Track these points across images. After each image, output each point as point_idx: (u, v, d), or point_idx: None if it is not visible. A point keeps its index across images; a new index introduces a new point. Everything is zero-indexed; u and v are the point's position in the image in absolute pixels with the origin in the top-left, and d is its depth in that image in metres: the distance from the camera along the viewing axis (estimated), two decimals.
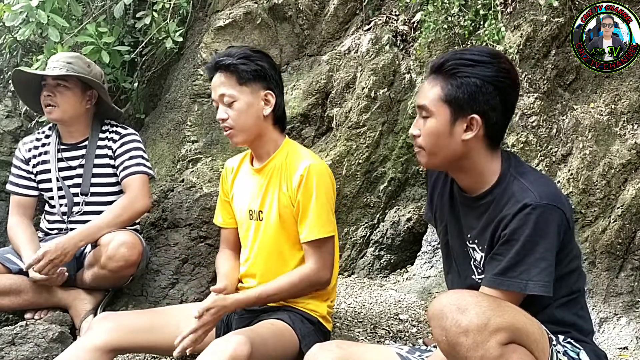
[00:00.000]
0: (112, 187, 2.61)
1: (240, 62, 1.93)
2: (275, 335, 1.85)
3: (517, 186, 1.52)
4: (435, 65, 1.60)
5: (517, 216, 1.47)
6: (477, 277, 1.63)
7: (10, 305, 2.40)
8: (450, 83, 1.54)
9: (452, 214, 1.71)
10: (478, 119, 1.53)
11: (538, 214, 1.45)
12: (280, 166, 2.00)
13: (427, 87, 1.60)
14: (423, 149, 1.60)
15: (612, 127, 2.99)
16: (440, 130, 1.56)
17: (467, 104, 1.53)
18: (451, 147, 1.56)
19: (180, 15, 4.12)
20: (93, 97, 2.61)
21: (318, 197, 1.93)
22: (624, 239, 2.81)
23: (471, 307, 1.30)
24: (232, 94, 1.94)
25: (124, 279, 2.44)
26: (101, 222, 2.42)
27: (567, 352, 1.50)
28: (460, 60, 1.55)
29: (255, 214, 2.04)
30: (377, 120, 3.49)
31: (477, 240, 1.61)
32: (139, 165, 2.56)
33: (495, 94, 1.54)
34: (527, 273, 1.45)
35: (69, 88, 2.53)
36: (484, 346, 1.28)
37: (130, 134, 2.63)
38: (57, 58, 2.59)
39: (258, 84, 1.96)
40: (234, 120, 1.95)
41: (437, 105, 1.55)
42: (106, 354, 1.81)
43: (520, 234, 1.46)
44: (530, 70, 3.15)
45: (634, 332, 2.64)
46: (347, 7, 3.85)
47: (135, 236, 2.42)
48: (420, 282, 3.17)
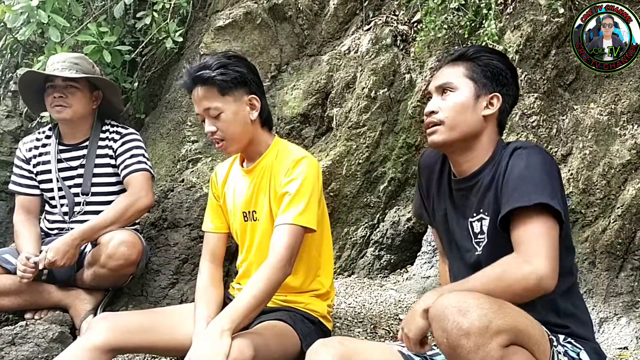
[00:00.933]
0: (113, 187, 2.62)
1: (218, 73, 1.88)
2: (277, 336, 1.85)
3: (508, 147, 1.62)
4: (454, 55, 1.69)
5: (510, 160, 1.55)
6: (480, 249, 1.63)
7: (10, 306, 2.41)
8: (477, 64, 1.66)
9: (452, 201, 1.73)
10: (499, 96, 1.64)
11: (528, 152, 1.55)
12: (271, 165, 1.99)
13: (448, 70, 1.68)
14: (441, 124, 1.63)
15: (612, 127, 2.99)
16: (465, 102, 1.63)
17: (490, 82, 1.64)
18: (472, 121, 1.63)
19: (180, 15, 4.13)
20: (98, 98, 2.65)
21: (302, 185, 1.89)
22: (624, 239, 2.81)
23: (472, 309, 1.30)
24: (217, 106, 1.90)
25: (123, 278, 2.44)
26: (104, 219, 2.43)
27: (567, 352, 1.50)
28: (482, 48, 1.70)
29: (250, 215, 2.03)
30: (377, 120, 3.49)
31: (482, 209, 1.62)
32: (140, 163, 2.57)
33: (512, 82, 1.68)
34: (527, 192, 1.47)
35: (78, 89, 2.56)
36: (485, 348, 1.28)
37: (131, 133, 2.65)
38: (62, 58, 2.60)
39: (240, 90, 1.93)
40: (223, 132, 1.92)
41: (462, 81, 1.64)
42: (106, 354, 1.80)
43: (516, 168, 1.53)
44: (530, 70, 3.15)
45: (634, 332, 2.64)
46: (347, 7, 3.85)
47: (135, 235, 2.42)
48: (420, 282, 3.17)
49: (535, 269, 1.39)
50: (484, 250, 1.61)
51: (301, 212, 1.87)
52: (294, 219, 1.86)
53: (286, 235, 1.85)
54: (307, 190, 1.89)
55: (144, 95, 4.35)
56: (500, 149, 1.64)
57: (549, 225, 1.45)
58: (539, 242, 1.42)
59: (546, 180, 1.48)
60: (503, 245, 1.51)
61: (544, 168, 1.50)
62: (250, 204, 2.03)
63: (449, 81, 1.64)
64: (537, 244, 1.42)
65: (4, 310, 2.46)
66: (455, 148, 1.67)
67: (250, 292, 1.78)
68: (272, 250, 1.85)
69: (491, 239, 1.59)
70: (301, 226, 1.87)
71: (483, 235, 1.62)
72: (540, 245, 1.41)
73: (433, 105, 1.65)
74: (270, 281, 1.81)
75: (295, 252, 1.88)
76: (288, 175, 1.92)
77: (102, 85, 2.64)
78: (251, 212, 2.03)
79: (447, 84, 1.64)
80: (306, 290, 2.06)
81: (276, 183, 1.96)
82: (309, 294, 2.06)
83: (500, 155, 1.61)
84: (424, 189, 1.85)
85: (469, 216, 1.66)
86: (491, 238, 1.59)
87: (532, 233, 1.44)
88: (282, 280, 1.85)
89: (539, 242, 1.42)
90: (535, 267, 1.39)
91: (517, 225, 1.47)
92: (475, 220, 1.64)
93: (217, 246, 2.11)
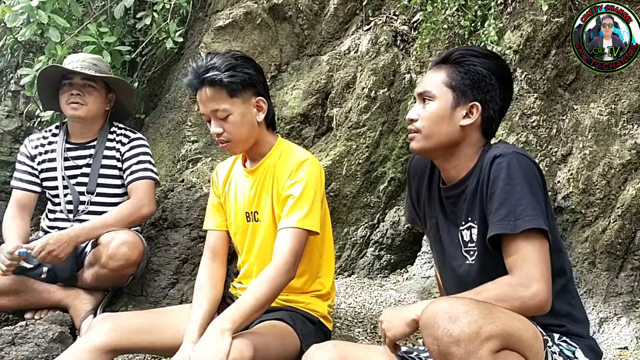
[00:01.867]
0: (118, 189, 2.63)
1: (226, 75, 1.86)
2: (277, 336, 1.85)
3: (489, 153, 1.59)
4: (440, 57, 1.66)
5: (491, 170, 1.54)
6: (471, 259, 1.63)
7: (10, 305, 2.41)
8: (457, 70, 1.61)
9: (442, 209, 1.72)
10: (478, 106, 1.60)
11: (508, 160, 1.52)
12: (274, 165, 1.98)
13: (430, 75, 1.65)
14: (419, 132, 1.63)
15: (612, 127, 2.99)
16: (440, 113, 1.60)
17: (470, 90, 1.59)
18: (448, 131, 1.60)
19: (180, 15, 4.13)
20: (112, 100, 2.68)
21: (305, 188, 1.89)
22: (624, 239, 2.81)
23: (462, 315, 1.29)
24: (225, 108, 1.88)
25: (124, 278, 2.44)
26: (104, 221, 2.44)
27: (562, 352, 1.50)
28: (467, 51, 1.63)
29: (252, 216, 2.03)
30: (377, 120, 3.49)
31: (470, 217, 1.62)
32: (146, 170, 2.59)
33: (497, 86, 1.61)
34: (513, 214, 1.47)
35: (95, 88, 2.59)
36: (476, 355, 1.28)
37: (138, 138, 2.68)
38: (81, 58, 2.64)
39: (248, 92, 1.92)
40: (230, 134, 1.91)
41: (440, 90, 1.61)
42: (106, 354, 1.80)
43: (497, 183, 1.52)
44: (530, 70, 3.15)
45: (634, 332, 2.64)
46: (347, 7, 3.86)
47: (137, 235, 2.43)
48: (420, 282, 3.17)
49: (533, 294, 1.42)
50: (475, 261, 1.61)
51: (305, 215, 1.87)
52: (297, 222, 1.86)
53: (290, 239, 1.85)
54: (310, 193, 1.89)
55: (144, 95, 4.35)
56: (483, 153, 1.62)
57: (538, 245, 1.46)
58: (533, 265, 1.44)
59: (528, 195, 1.48)
60: (494, 257, 1.53)
61: (524, 179, 1.50)
62: (252, 205, 2.02)
63: (428, 90, 1.62)
64: (532, 267, 1.44)
65: (4, 310, 2.46)
66: (436, 155, 1.67)
67: (253, 294, 1.79)
68: (277, 254, 1.85)
69: (481, 250, 1.59)
70: (305, 229, 1.87)
71: (473, 244, 1.62)
72: (535, 268, 1.44)
73: (413, 113, 1.65)
74: (274, 284, 1.81)
75: (299, 255, 1.88)
76: (291, 178, 1.91)
77: (118, 87, 2.67)
78: (253, 213, 2.02)
79: (426, 93, 1.62)
80: (307, 290, 2.06)
81: (279, 184, 1.96)
82: (309, 294, 2.06)
83: (482, 161, 1.60)
84: (414, 195, 1.85)
85: (459, 225, 1.65)
86: (481, 249, 1.59)
87: (524, 258, 1.45)
88: (285, 284, 1.85)
89: (533, 265, 1.44)
90: (533, 292, 1.42)
91: (507, 249, 1.49)
92: (465, 228, 1.63)
93: (218, 244, 2.10)
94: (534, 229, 1.46)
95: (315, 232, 1.91)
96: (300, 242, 1.87)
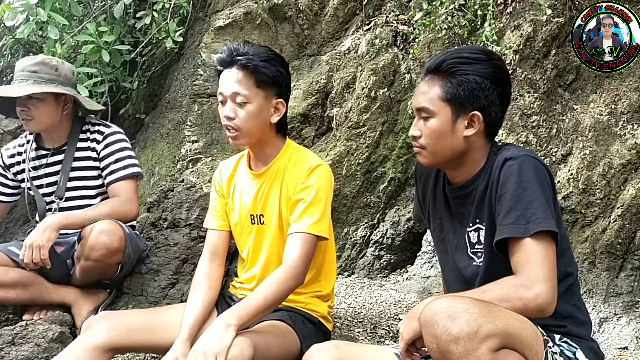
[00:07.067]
0: (92, 190, 2.57)
1: (262, 65, 1.87)
2: (277, 336, 1.85)
3: (499, 155, 1.59)
4: (431, 66, 1.63)
5: (501, 172, 1.53)
6: (478, 261, 1.63)
7: (15, 299, 2.40)
8: (450, 82, 1.58)
9: (448, 210, 1.72)
10: (479, 115, 1.59)
11: (519, 163, 1.52)
12: (283, 169, 1.97)
13: (424, 88, 1.63)
14: (424, 148, 1.62)
15: (612, 127, 2.99)
16: (442, 129, 1.59)
17: (467, 101, 1.58)
18: (453, 144, 1.60)
19: (180, 15, 4.13)
20: (69, 101, 2.55)
21: (317, 194, 1.90)
22: (624, 239, 2.81)
23: (461, 314, 1.30)
24: (247, 94, 1.87)
25: (111, 268, 2.39)
26: (86, 213, 2.41)
27: (563, 352, 1.50)
28: (458, 59, 1.59)
29: (257, 218, 2.02)
30: (377, 120, 3.49)
31: (478, 219, 1.62)
32: (125, 168, 2.52)
33: (493, 89, 1.59)
34: (524, 217, 1.47)
35: (40, 100, 2.47)
36: (475, 353, 1.28)
37: (113, 132, 2.57)
38: (21, 67, 2.50)
39: (273, 89, 1.91)
40: (241, 122, 1.89)
41: (438, 105, 1.59)
42: (105, 353, 1.80)
43: (508, 185, 1.51)
44: (530, 70, 3.15)
45: (634, 332, 2.64)
46: (347, 7, 3.85)
47: (115, 223, 2.35)
48: (420, 282, 3.17)
49: (535, 296, 1.41)
50: (483, 262, 1.61)
51: (316, 221, 1.88)
52: (308, 227, 1.87)
53: (301, 244, 1.86)
54: (321, 199, 1.90)
55: (144, 95, 4.35)
56: (492, 155, 1.62)
57: (545, 247, 1.46)
58: (538, 266, 1.44)
59: (539, 198, 1.48)
60: (502, 259, 1.52)
61: (535, 182, 1.50)
62: (257, 207, 2.01)
63: (426, 106, 1.60)
64: (536, 268, 1.44)
65: (10, 304, 2.45)
66: (445, 166, 1.68)
67: (262, 295, 1.80)
68: (287, 258, 1.85)
69: (489, 252, 1.59)
70: (315, 235, 1.88)
71: (481, 246, 1.62)
72: (539, 269, 1.43)
73: (415, 130, 1.64)
74: (283, 287, 1.82)
75: (309, 261, 1.89)
76: (303, 183, 1.91)
77: (61, 92, 2.49)
78: (258, 216, 2.01)
79: (425, 110, 1.60)
80: (308, 291, 2.06)
81: (289, 188, 1.95)
82: (310, 294, 2.05)
83: (491, 163, 1.60)
84: (420, 196, 1.86)
85: (466, 225, 1.65)
86: (489, 251, 1.59)
87: (530, 259, 1.45)
88: (294, 288, 1.86)
89: (537, 266, 1.44)
90: (536, 294, 1.41)
91: (513, 250, 1.48)
92: (472, 230, 1.63)
93: (218, 244, 2.08)
94: (543, 231, 1.46)
95: (325, 238, 1.92)
96: (310, 247, 1.88)
